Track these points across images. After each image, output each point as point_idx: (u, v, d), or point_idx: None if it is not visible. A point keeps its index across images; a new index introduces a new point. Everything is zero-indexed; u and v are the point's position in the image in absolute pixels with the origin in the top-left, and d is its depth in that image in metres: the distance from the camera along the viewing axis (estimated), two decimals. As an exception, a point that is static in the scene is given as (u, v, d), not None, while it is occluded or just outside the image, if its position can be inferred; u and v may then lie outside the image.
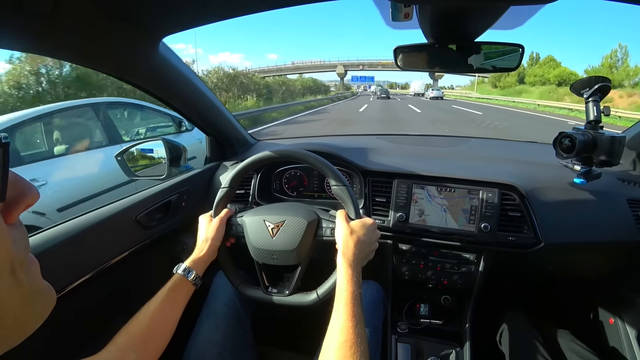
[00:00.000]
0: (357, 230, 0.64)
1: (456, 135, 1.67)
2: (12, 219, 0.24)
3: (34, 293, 0.26)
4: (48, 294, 0.28)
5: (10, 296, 0.23)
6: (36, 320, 0.26)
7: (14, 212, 0.25)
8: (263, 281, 0.75)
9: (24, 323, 0.25)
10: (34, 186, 0.26)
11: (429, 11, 0.64)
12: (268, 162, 0.76)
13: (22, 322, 0.25)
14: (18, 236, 0.25)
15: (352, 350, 0.49)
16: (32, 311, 0.26)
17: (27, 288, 0.25)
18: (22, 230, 0.26)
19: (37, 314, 0.27)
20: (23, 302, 0.25)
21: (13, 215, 0.25)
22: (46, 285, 0.28)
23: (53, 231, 0.68)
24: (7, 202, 0.24)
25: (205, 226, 0.73)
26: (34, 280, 0.26)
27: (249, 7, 0.61)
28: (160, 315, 0.60)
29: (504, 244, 0.91)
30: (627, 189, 0.93)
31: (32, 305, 0.26)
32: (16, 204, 0.25)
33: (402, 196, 0.96)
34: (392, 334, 1.01)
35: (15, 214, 0.25)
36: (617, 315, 1.05)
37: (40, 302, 0.27)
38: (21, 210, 0.25)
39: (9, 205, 0.24)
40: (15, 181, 0.25)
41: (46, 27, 0.50)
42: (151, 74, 0.80)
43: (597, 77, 0.81)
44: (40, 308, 0.27)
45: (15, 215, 0.25)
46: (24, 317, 0.25)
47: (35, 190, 0.26)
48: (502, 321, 1.03)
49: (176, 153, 1.08)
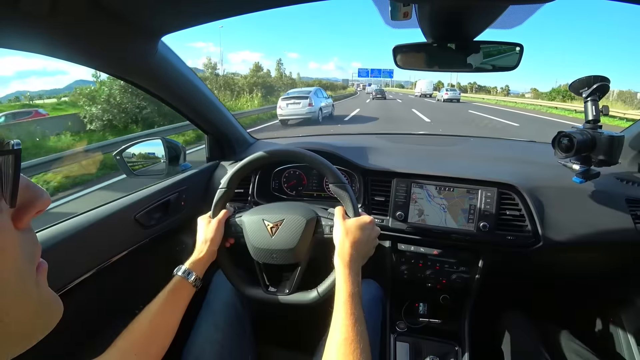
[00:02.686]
0: (353, 230, 0.64)
1: (455, 135, 1.67)
2: (22, 224, 0.24)
3: (42, 303, 0.26)
4: (55, 305, 0.27)
5: (16, 303, 0.23)
6: (42, 332, 0.26)
7: (24, 218, 0.24)
8: (263, 280, 0.75)
9: (29, 334, 0.25)
10: (45, 192, 0.26)
11: (428, 10, 0.64)
12: (267, 162, 0.76)
13: (27, 332, 0.25)
14: (27, 242, 0.25)
15: (352, 348, 0.49)
16: (39, 322, 0.26)
17: (35, 297, 0.25)
18: (31, 236, 0.26)
19: (44, 324, 0.26)
20: (30, 312, 0.24)
21: (23, 221, 0.24)
22: (53, 296, 0.27)
23: (51, 230, 0.68)
24: (17, 208, 0.24)
25: (204, 227, 0.73)
26: (43, 288, 0.26)
27: (248, 5, 0.61)
28: (161, 318, 0.60)
29: (502, 244, 0.91)
30: (625, 189, 0.93)
31: (39, 315, 0.25)
32: (27, 210, 0.25)
33: (401, 195, 0.96)
34: (391, 333, 1.01)
35: (26, 220, 0.25)
36: (617, 315, 1.05)
37: (48, 312, 0.26)
38: (32, 215, 0.25)
39: (20, 211, 0.24)
40: (26, 187, 0.25)
41: (45, 27, 0.50)
42: (150, 73, 0.80)
43: (595, 77, 0.81)
44: (47, 319, 0.26)
45: (25, 221, 0.25)
46: (30, 328, 0.25)
47: (47, 196, 0.26)
48: (502, 321, 1.03)
49: (175, 152, 1.08)
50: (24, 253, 0.24)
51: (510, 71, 0.79)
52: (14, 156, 0.22)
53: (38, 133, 7.11)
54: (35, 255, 0.26)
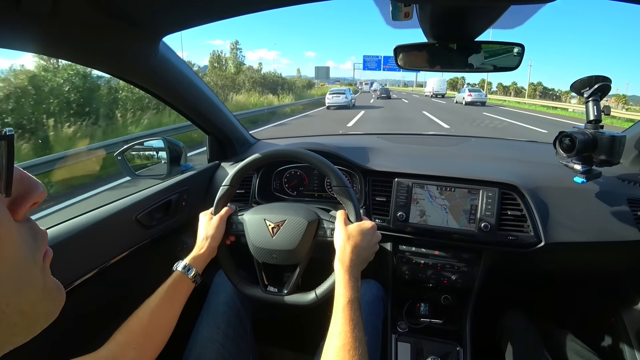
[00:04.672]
0: (354, 236, 0.64)
1: (456, 135, 1.66)
2: (18, 216, 0.25)
3: (48, 290, 0.26)
4: (58, 292, 0.28)
5: (18, 293, 0.23)
6: (46, 319, 0.26)
7: (20, 210, 0.25)
8: (262, 280, 0.75)
9: (34, 321, 0.25)
10: (40, 183, 0.26)
11: (429, 10, 0.64)
12: (269, 162, 0.76)
13: (32, 320, 0.25)
14: (28, 232, 0.25)
15: (350, 354, 0.49)
16: (44, 309, 0.26)
17: (41, 285, 0.25)
18: (31, 226, 0.26)
19: (49, 312, 0.27)
20: (35, 300, 0.25)
21: (20, 212, 0.25)
22: (56, 283, 0.28)
23: (53, 230, 0.68)
24: (13, 199, 0.24)
25: (205, 224, 0.74)
26: (49, 276, 0.27)
27: (248, 5, 0.61)
28: (160, 313, 0.60)
29: (504, 244, 0.91)
30: (627, 189, 0.93)
31: (44, 302, 0.26)
32: (23, 201, 0.25)
33: (402, 195, 0.96)
34: (392, 333, 1.01)
35: (22, 211, 0.25)
36: (617, 315, 1.05)
37: (52, 300, 0.27)
38: (28, 207, 0.25)
39: (16, 203, 0.24)
40: (21, 178, 0.25)
41: (45, 27, 0.50)
42: (151, 74, 0.80)
43: (597, 77, 0.81)
44: (51, 306, 0.27)
45: (22, 212, 0.25)
46: (33, 316, 0.25)
47: (43, 187, 0.26)
48: (502, 321, 1.03)
49: (176, 152, 1.08)
50: (25, 243, 0.24)
51: (511, 71, 0.79)
52: (7, 142, 0.22)
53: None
54: (39, 242, 0.26)
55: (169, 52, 0.79)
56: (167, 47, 0.78)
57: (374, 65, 41.72)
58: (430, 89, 33.09)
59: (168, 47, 0.78)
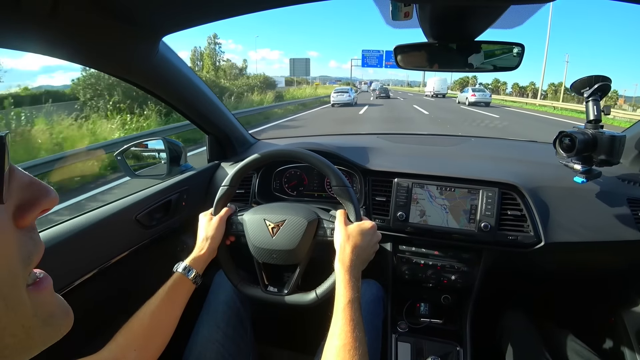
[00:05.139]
0: (354, 236, 0.64)
1: (457, 135, 1.66)
2: (24, 223, 0.23)
3: (39, 318, 0.23)
4: (63, 318, 0.25)
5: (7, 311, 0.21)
6: (43, 345, 0.24)
7: (27, 216, 0.23)
8: (262, 280, 0.75)
9: (27, 347, 0.23)
10: (52, 189, 0.24)
11: (429, 10, 0.64)
12: (269, 162, 0.76)
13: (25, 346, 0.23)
14: (27, 242, 0.23)
15: (350, 354, 0.49)
16: (37, 337, 0.23)
17: (29, 310, 0.23)
18: (31, 236, 0.24)
19: (44, 339, 0.24)
20: (26, 326, 0.22)
21: (26, 220, 0.23)
22: (60, 309, 0.25)
23: (53, 231, 0.68)
24: (20, 205, 0.23)
25: (205, 224, 0.74)
26: (41, 303, 0.24)
27: (249, 5, 0.61)
28: (160, 314, 0.60)
29: (504, 243, 0.91)
30: (627, 189, 0.93)
31: (35, 330, 0.23)
32: (31, 207, 0.23)
33: (402, 195, 0.96)
34: (392, 333, 1.01)
35: (29, 219, 0.23)
36: (617, 315, 1.05)
37: (53, 325, 0.24)
38: (36, 215, 0.24)
39: (23, 208, 0.23)
40: (30, 183, 0.24)
41: (45, 27, 0.50)
42: (151, 74, 0.80)
43: (597, 77, 0.81)
44: (51, 332, 0.24)
45: (28, 220, 0.23)
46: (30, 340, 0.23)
47: (54, 194, 0.24)
48: (502, 321, 1.03)
49: (176, 152, 1.08)
50: (20, 254, 0.22)
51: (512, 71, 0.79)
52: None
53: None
54: (32, 257, 0.24)
55: (168, 52, 0.79)
56: (167, 47, 0.78)
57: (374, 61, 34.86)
58: (430, 89, 31.04)
59: (168, 47, 0.78)
